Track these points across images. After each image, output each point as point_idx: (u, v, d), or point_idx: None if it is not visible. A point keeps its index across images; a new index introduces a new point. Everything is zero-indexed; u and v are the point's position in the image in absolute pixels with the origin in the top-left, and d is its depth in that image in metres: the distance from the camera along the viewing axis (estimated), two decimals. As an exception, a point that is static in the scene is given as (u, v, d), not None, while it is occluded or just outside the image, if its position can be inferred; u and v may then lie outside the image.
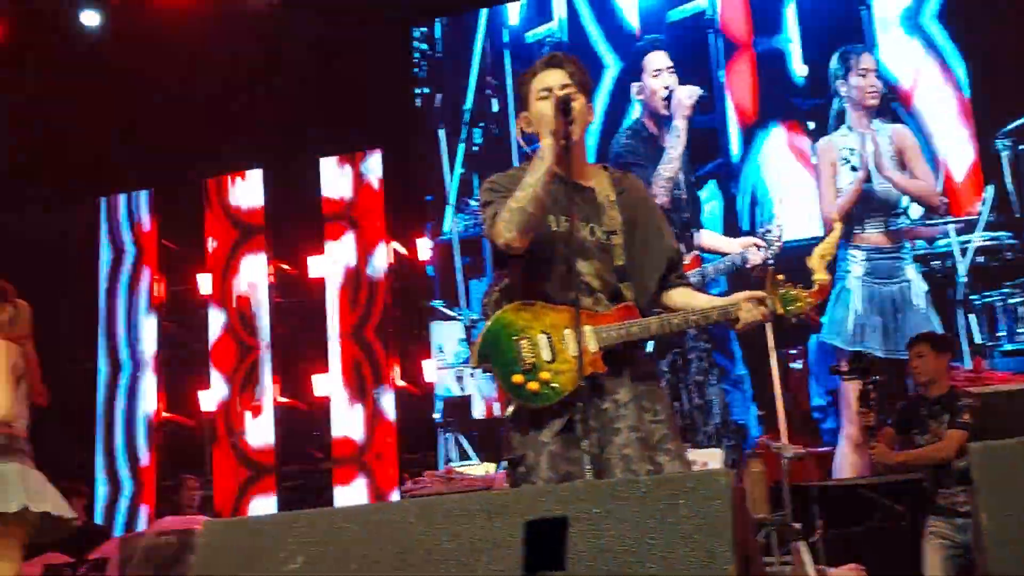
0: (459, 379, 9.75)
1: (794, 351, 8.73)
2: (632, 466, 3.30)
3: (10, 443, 4.77)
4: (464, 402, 9.70)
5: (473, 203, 9.90)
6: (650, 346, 4.24)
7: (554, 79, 3.55)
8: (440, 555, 2.45)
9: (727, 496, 2.33)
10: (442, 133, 10.39)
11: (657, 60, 9.58)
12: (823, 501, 7.15)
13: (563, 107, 3.39)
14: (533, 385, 3.40)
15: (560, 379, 3.39)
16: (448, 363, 9.84)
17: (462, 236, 10.06)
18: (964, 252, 8.51)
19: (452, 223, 10.12)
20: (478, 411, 9.61)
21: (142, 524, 10.04)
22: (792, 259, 8.36)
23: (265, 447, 10.27)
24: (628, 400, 3.41)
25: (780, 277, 3.50)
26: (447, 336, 9.95)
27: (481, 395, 9.57)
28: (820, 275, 3.46)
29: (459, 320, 9.85)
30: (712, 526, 2.30)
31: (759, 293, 3.46)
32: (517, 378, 3.42)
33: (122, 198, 11.16)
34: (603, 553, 2.33)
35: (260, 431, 10.25)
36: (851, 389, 7.40)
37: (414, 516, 2.53)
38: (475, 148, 10.22)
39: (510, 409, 3.50)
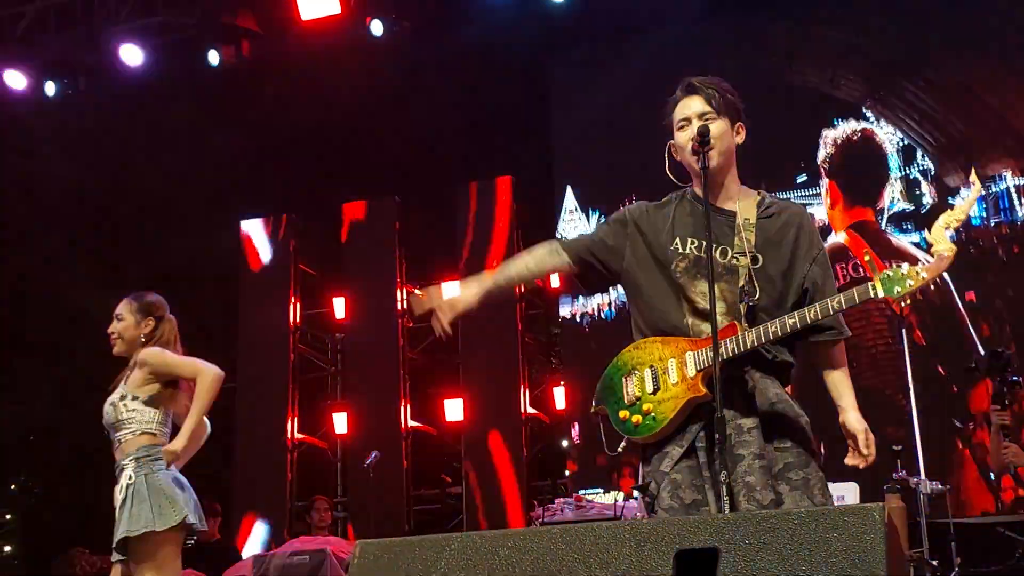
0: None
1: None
2: (754, 495, 3.23)
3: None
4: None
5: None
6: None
7: (692, 108, 3.53)
8: (590, 582, 2.47)
9: (880, 530, 2.30)
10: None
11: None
12: (961, 539, 6.98)
13: (701, 141, 3.37)
14: (636, 418, 3.41)
15: (661, 408, 3.37)
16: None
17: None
18: None
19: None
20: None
21: (276, 544, 10.23)
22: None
23: (397, 471, 10.40)
24: (753, 426, 3.33)
25: (867, 259, 3.34)
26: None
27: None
28: (941, 245, 3.21)
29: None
30: (865, 561, 2.27)
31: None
32: (623, 414, 3.44)
33: (262, 222, 11.42)
34: (754, 585, 2.33)
35: (393, 456, 10.35)
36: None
37: (564, 542, 2.54)
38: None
39: (620, 447, 3.51)
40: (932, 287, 3.33)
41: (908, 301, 3.23)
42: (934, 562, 6.68)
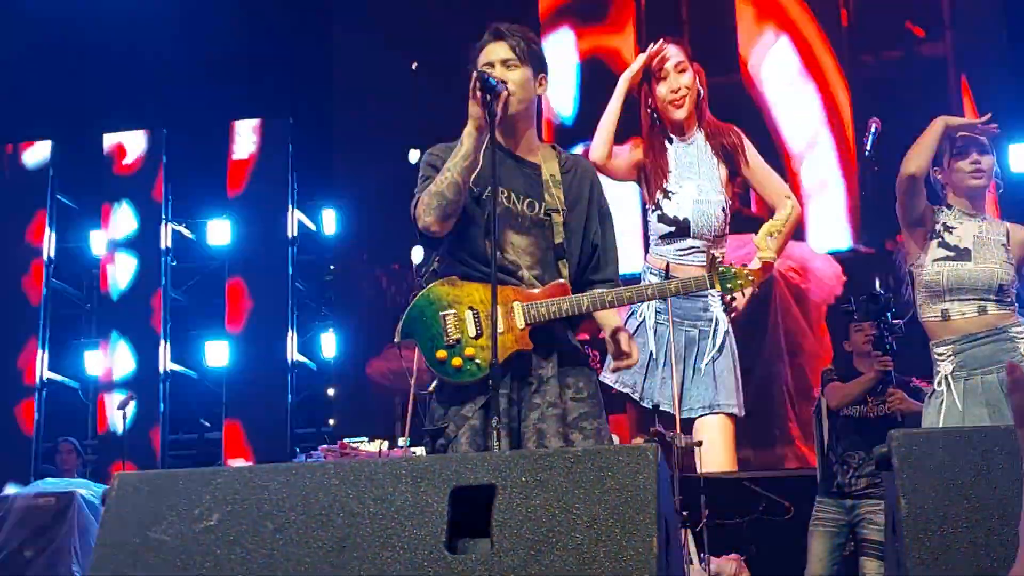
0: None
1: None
2: (545, 442, 3.30)
3: None
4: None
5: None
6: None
7: (497, 53, 3.52)
8: (364, 518, 2.41)
9: (652, 470, 2.35)
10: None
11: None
12: (709, 492, 7.26)
13: (483, 85, 3.29)
14: (456, 361, 3.39)
15: (484, 355, 3.36)
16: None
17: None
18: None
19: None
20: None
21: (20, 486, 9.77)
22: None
23: (153, 415, 10.05)
24: (551, 376, 3.41)
25: (716, 256, 3.51)
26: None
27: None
28: (765, 253, 3.46)
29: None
30: (637, 499, 2.32)
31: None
32: (441, 353, 3.40)
33: (18, 147, 10.74)
34: (529, 522, 2.33)
35: (149, 398, 10.00)
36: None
37: (338, 478, 2.48)
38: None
39: (433, 385, 3.49)
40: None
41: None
42: (684, 513, 6.92)
